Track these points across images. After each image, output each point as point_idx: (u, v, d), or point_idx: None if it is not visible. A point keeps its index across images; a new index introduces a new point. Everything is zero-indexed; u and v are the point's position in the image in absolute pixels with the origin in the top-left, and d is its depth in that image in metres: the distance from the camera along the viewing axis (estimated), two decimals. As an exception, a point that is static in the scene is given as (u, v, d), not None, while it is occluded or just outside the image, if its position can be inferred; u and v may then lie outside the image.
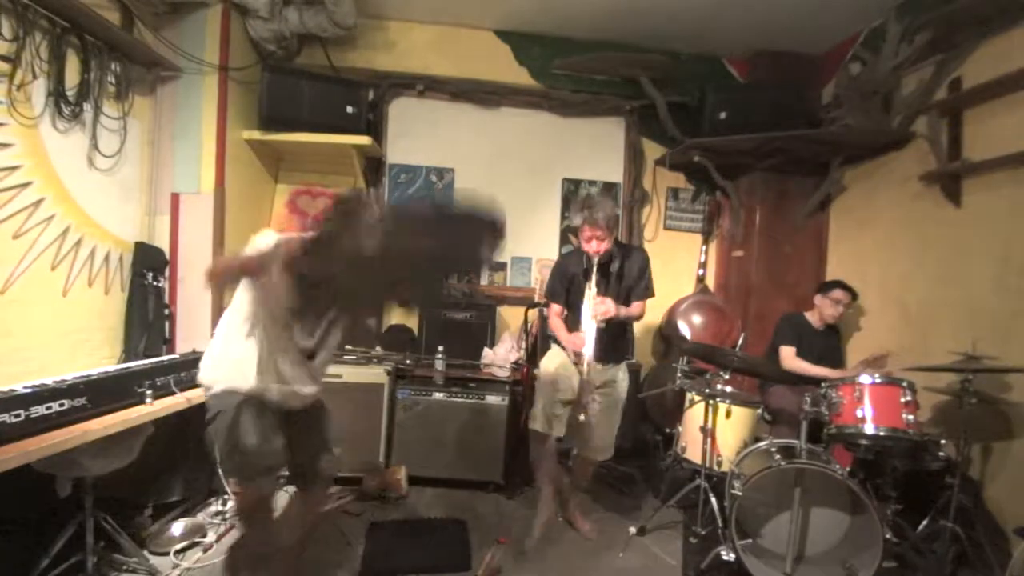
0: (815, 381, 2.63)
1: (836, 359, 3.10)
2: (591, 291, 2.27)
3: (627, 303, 2.43)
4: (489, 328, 3.45)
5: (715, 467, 2.54)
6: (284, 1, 3.22)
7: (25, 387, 1.67)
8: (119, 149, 2.60)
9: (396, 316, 3.79)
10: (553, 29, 3.74)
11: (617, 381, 2.49)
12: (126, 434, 1.89)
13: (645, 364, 3.92)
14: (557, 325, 2.49)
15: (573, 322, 2.42)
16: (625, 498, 3.04)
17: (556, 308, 2.52)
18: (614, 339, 2.42)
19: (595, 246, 2.29)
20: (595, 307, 2.25)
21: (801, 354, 2.96)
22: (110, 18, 2.45)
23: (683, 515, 2.74)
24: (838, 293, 3.01)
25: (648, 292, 2.50)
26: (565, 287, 2.48)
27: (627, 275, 2.45)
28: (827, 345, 3.06)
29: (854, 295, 3.06)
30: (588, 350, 2.25)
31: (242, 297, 1.65)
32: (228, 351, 1.65)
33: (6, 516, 1.77)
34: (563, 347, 2.47)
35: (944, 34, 2.76)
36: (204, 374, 1.67)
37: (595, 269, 2.29)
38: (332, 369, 2.90)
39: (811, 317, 3.10)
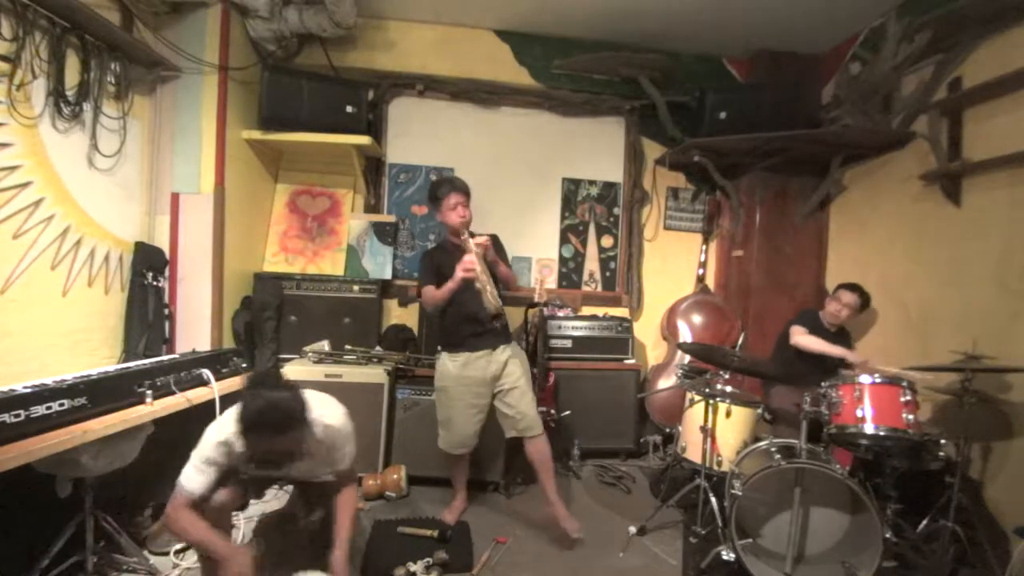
0: (816, 380, 2.62)
1: (844, 365, 3.05)
2: (469, 239, 2.35)
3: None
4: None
5: (715, 467, 2.54)
6: (284, 1, 3.22)
7: (25, 387, 1.67)
8: (119, 149, 2.60)
9: (396, 316, 3.80)
10: (553, 29, 3.74)
11: (516, 355, 2.56)
12: (126, 434, 1.89)
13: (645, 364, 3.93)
14: (438, 292, 2.43)
15: (463, 302, 2.44)
16: (625, 498, 3.04)
17: (430, 288, 2.48)
18: (497, 322, 2.54)
19: (461, 211, 2.43)
20: (475, 241, 2.34)
21: None
22: (110, 18, 2.45)
23: (683, 515, 2.74)
24: (840, 292, 3.01)
25: (507, 262, 2.62)
26: (437, 274, 2.49)
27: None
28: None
29: (864, 299, 3.00)
30: (479, 267, 2.31)
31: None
32: None
33: (6, 516, 1.77)
34: (454, 350, 2.52)
35: (944, 34, 2.76)
36: None
37: (467, 230, 2.40)
38: (332, 369, 2.95)
39: (823, 316, 3.09)
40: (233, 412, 1.68)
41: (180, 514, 1.64)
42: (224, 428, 1.70)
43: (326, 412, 1.81)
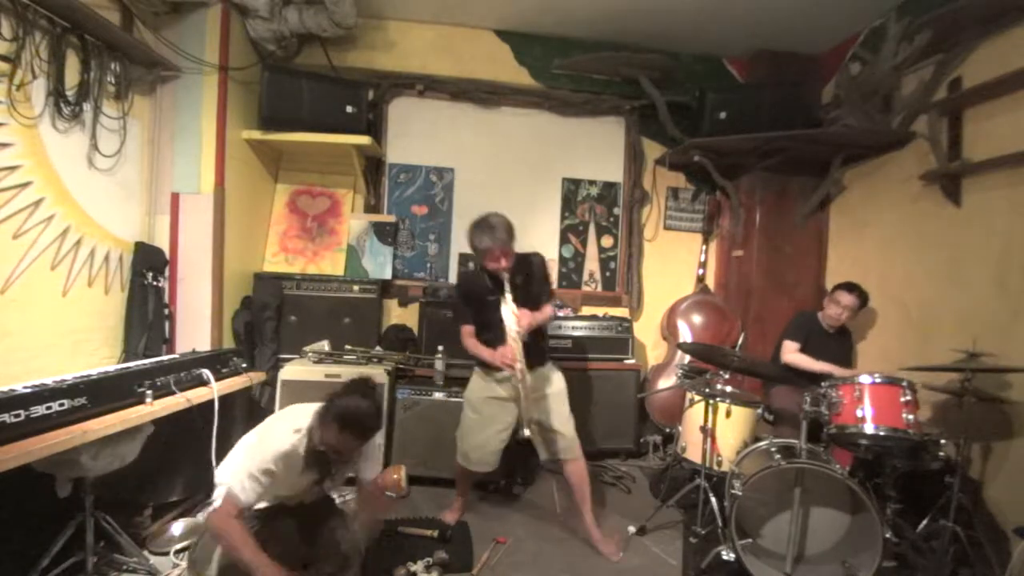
0: (815, 380, 2.63)
1: (845, 364, 3.02)
2: (510, 306, 2.27)
3: (536, 307, 2.43)
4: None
5: (715, 467, 2.54)
6: (284, 1, 3.22)
7: (25, 387, 1.67)
8: (119, 149, 2.60)
9: (396, 316, 3.80)
10: (553, 29, 3.74)
11: (551, 379, 2.51)
12: (126, 434, 1.89)
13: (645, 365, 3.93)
14: (475, 345, 2.45)
15: (491, 340, 2.39)
16: (625, 498, 3.04)
17: (469, 328, 2.48)
18: (534, 344, 2.42)
19: (504, 263, 2.30)
20: (518, 321, 2.26)
21: (807, 352, 2.95)
22: (110, 18, 2.45)
23: (683, 515, 2.74)
24: (838, 294, 2.97)
25: (550, 295, 2.53)
26: (473, 308, 2.47)
27: (532, 282, 2.46)
28: (837, 348, 3.01)
29: (862, 298, 2.95)
30: (519, 364, 2.25)
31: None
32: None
33: (6, 516, 1.77)
34: (486, 369, 2.48)
35: (944, 34, 2.76)
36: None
37: (507, 283, 2.29)
38: (332, 369, 2.95)
39: (822, 318, 3.06)
40: (295, 417, 1.75)
41: (230, 525, 1.63)
42: (285, 437, 1.71)
43: None
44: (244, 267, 3.31)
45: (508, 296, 2.27)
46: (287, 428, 1.74)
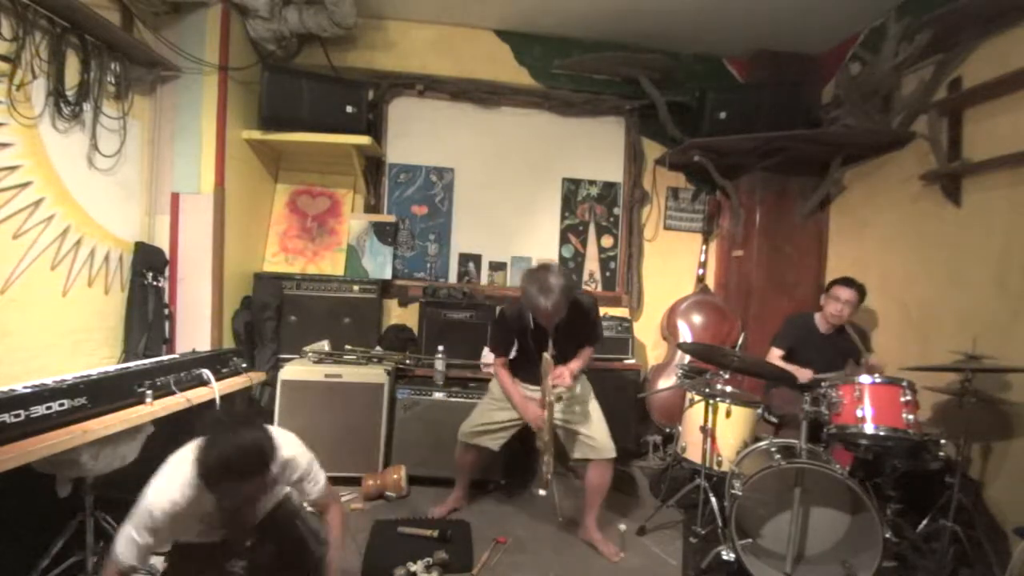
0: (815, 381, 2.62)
1: (842, 363, 2.97)
2: (547, 363, 2.29)
3: (580, 347, 2.48)
4: (489, 328, 3.45)
5: (715, 467, 2.54)
6: (284, 1, 3.22)
7: (25, 387, 1.66)
8: (119, 149, 2.60)
9: (396, 316, 3.80)
10: (553, 29, 3.74)
11: (575, 388, 2.50)
12: (126, 434, 1.89)
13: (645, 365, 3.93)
14: (508, 382, 2.51)
15: (523, 369, 2.51)
16: (625, 498, 3.04)
17: (503, 359, 2.55)
18: (565, 359, 2.42)
19: (553, 322, 2.30)
20: (554, 380, 2.29)
21: (801, 358, 2.92)
22: (110, 18, 2.45)
23: (683, 515, 2.74)
24: (836, 289, 2.89)
25: (596, 338, 2.58)
26: (513, 340, 2.53)
27: (579, 326, 2.45)
28: (836, 350, 2.95)
29: (861, 292, 2.90)
30: (546, 426, 2.32)
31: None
32: None
33: (6, 516, 1.77)
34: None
35: (944, 34, 2.76)
36: None
37: (551, 336, 2.31)
38: (332, 369, 2.95)
39: (819, 319, 3.00)
40: (186, 471, 1.47)
41: None
42: (168, 492, 1.49)
43: (284, 444, 1.59)
44: (244, 267, 3.31)
45: (548, 354, 2.29)
46: (172, 481, 1.52)
